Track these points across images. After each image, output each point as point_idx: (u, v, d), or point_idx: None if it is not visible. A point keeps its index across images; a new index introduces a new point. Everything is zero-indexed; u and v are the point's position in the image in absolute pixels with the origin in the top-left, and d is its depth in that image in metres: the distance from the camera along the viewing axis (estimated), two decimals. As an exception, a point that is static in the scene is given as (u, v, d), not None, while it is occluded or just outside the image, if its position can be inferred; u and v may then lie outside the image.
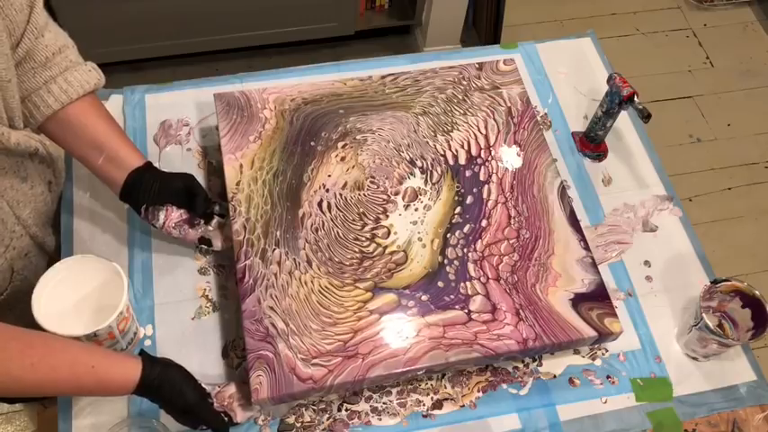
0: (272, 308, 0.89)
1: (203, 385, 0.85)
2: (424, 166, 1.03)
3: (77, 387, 0.78)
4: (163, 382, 0.80)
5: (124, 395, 0.80)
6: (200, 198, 0.95)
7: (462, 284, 0.92)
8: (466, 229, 0.97)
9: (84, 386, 0.77)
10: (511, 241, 0.96)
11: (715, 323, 0.97)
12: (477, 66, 1.13)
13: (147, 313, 0.95)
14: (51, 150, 0.94)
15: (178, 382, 0.81)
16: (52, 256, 1.01)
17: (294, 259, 0.93)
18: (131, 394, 0.79)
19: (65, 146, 0.93)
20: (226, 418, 0.85)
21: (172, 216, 0.95)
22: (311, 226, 0.96)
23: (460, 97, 1.10)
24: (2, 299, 0.94)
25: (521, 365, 0.95)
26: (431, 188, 1.00)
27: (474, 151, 1.05)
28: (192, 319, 0.96)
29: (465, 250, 0.95)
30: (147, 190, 0.92)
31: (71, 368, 0.75)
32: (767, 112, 2.31)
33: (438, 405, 0.92)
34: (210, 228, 0.98)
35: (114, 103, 1.12)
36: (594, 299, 0.92)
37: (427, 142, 1.05)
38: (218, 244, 0.98)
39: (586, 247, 0.96)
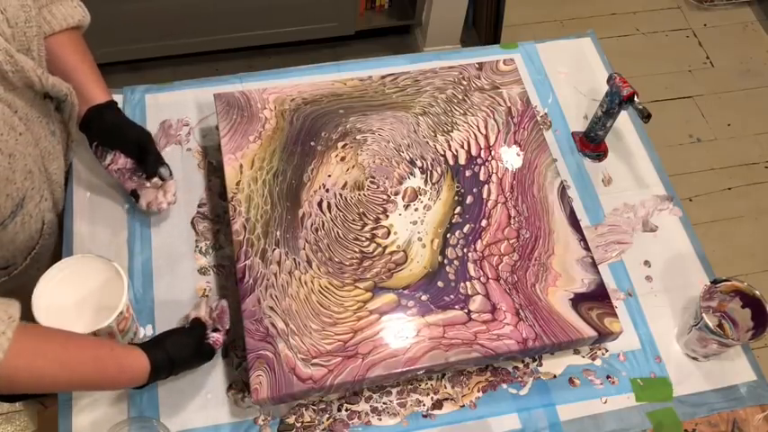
0: (272, 308, 0.89)
1: (190, 319, 0.88)
2: (424, 166, 1.03)
3: (101, 380, 0.80)
4: (171, 362, 0.83)
5: (138, 384, 0.82)
6: (152, 157, 0.98)
7: (462, 284, 0.92)
8: (466, 229, 0.97)
9: (107, 377, 0.80)
10: (511, 241, 0.96)
11: (715, 323, 0.97)
12: (477, 66, 1.13)
13: (147, 313, 0.95)
14: (75, 102, 0.96)
15: (182, 355, 0.85)
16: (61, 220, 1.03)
17: (294, 259, 0.93)
18: (144, 384, 0.82)
19: None
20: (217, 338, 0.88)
21: (118, 161, 0.99)
22: (311, 226, 0.96)
23: (460, 97, 1.10)
24: (32, 255, 0.96)
25: (521, 365, 0.95)
26: (431, 188, 1.01)
27: (474, 151, 1.05)
28: (192, 319, 0.96)
29: (465, 250, 0.95)
30: (100, 129, 0.97)
31: (95, 362, 0.78)
32: (767, 112, 2.31)
33: (438, 405, 0.92)
34: (147, 184, 1.00)
35: (114, 103, 1.12)
36: (594, 299, 0.92)
37: (427, 142, 1.05)
38: (143, 203, 0.99)
39: (586, 247, 0.96)
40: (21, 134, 0.85)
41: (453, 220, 0.98)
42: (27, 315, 0.82)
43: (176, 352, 0.84)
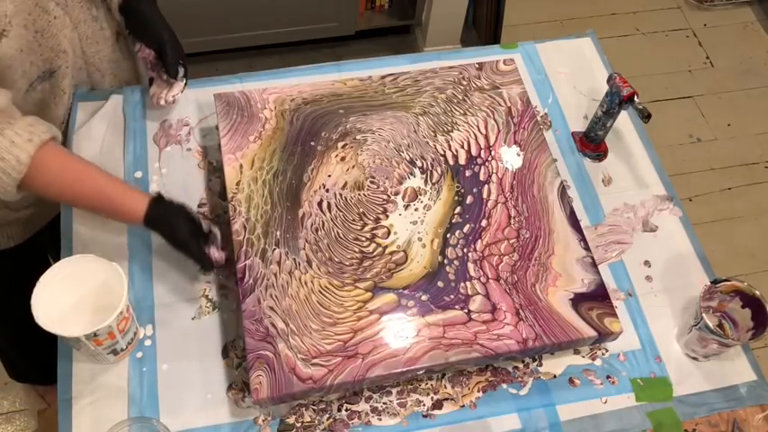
0: (272, 308, 0.89)
1: (204, 225, 0.94)
2: (424, 166, 1.03)
3: (99, 207, 0.93)
4: (161, 218, 0.91)
5: (135, 223, 0.92)
6: (168, 59, 1.06)
7: (462, 284, 0.92)
8: (466, 229, 0.97)
9: (104, 208, 0.93)
10: (511, 241, 0.96)
11: (715, 323, 0.97)
12: (477, 66, 1.13)
13: (147, 313, 0.95)
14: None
15: (173, 220, 0.92)
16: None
17: (294, 259, 0.93)
18: (143, 225, 0.91)
19: None
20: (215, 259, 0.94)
21: (144, 51, 1.08)
22: (311, 226, 0.96)
23: (460, 97, 1.10)
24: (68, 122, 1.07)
25: (521, 365, 0.95)
26: (431, 188, 1.01)
27: (474, 151, 1.05)
28: (192, 319, 0.96)
29: (465, 250, 0.95)
30: (128, 20, 1.07)
31: (99, 195, 0.91)
32: (767, 112, 2.31)
33: (438, 405, 0.92)
34: (164, 77, 1.08)
35: (114, 103, 1.12)
36: (594, 299, 0.92)
37: (427, 142, 1.05)
38: (151, 92, 1.09)
39: (586, 247, 0.96)
40: (56, 17, 0.93)
41: (453, 220, 0.98)
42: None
43: (166, 224, 0.91)
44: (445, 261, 0.94)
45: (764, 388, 0.96)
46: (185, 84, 1.10)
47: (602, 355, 0.97)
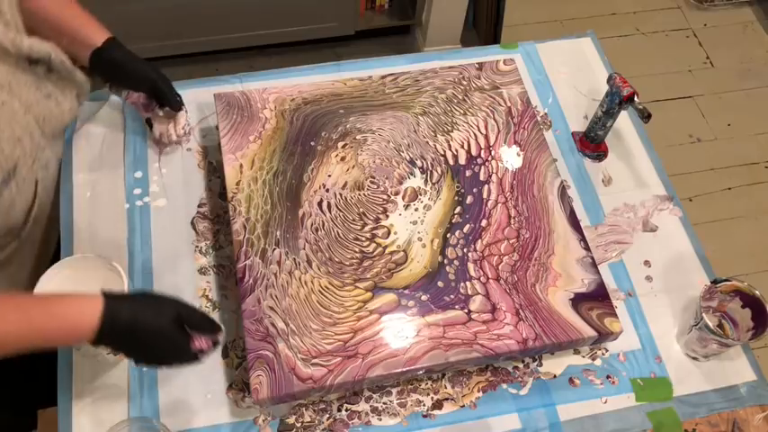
0: (271, 308, 0.89)
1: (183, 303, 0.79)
2: (424, 166, 1.03)
3: (32, 335, 0.73)
4: (129, 329, 0.73)
5: (83, 342, 0.73)
6: (163, 95, 1.02)
7: (462, 284, 0.92)
8: (466, 228, 0.97)
9: (39, 333, 0.73)
10: (511, 241, 0.96)
11: (715, 323, 0.97)
12: (477, 66, 1.13)
13: (147, 313, 0.95)
14: (64, 59, 0.95)
15: (150, 329, 0.74)
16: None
17: (294, 259, 0.93)
18: (93, 343, 0.73)
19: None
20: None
21: (132, 96, 1.06)
22: (311, 226, 0.96)
23: (460, 97, 1.10)
24: (33, 214, 0.95)
25: (521, 365, 0.95)
26: (431, 188, 1.01)
27: (474, 151, 1.05)
28: (192, 319, 0.96)
29: (465, 250, 0.95)
30: (104, 72, 1.01)
31: (24, 315, 0.72)
32: (767, 112, 2.31)
33: (438, 405, 0.92)
34: (160, 113, 1.06)
35: (114, 103, 1.12)
36: (594, 299, 0.92)
37: (427, 142, 1.05)
38: (156, 132, 1.07)
39: (586, 247, 0.96)
40: (3, 103, 0.82)
41: (453, 220, 0.98)
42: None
43: (141, 315, 0.73)
44: (445, 261, 0.94)
45: (764, 388, 0.96)
46: (186, 112, 1.07)
47: (602, 355, 0.97)
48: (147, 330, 0.75)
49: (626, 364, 0.96)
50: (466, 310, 0.90)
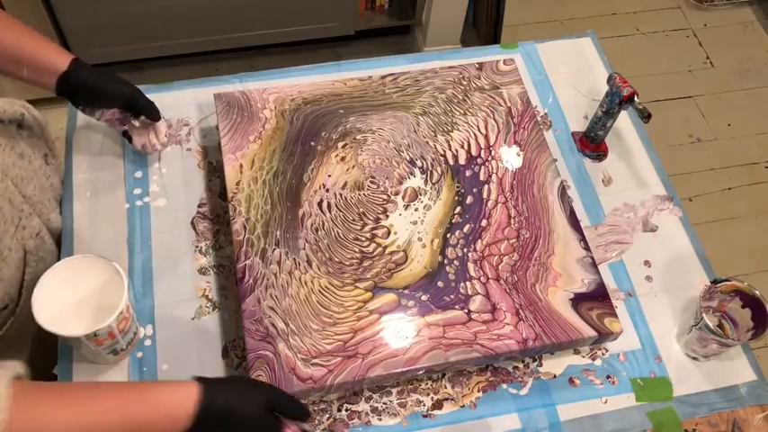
0: (272, 308, 0.89)
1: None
2: (424, 166, 1.03)
3: (127, 425, 0.68)
4: (224, 415, 0.70)
5: (178, 430, 0.69)
6: (145, 111, 1.00)
7: (462, 284, 0.92)
8: (466, 228, 0.97)
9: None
10: (511, 241, 0.96)
11: (715, 323, 0.97)
12: (477, 66, 1.13)
13: (147, 313, 0.95)
14: (36, 115, 0.94)
15: (243, 414, 0.72)
16: (59, 237, 1.00)
17: (294, 259, 0.93)
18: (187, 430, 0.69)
19: None
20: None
21: (106, 114, 1.02)
22: (311, 226, 0.96)
23: (460, 97, 1.10)
24: (25, 286, 0.91)
25: (521, 365, 0.95)
26: (431, 188, 1.01)
27: (474, 151, 1.05)
28: (192, 319, 0.96)
29: (465, 250, 0.95)
30: (74, 97, 0.97)
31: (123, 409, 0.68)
32: (767, 112, 2.31)
33: (438, 405, 0.92)
34: (136, 124, 1.04)
35: (114, 103, 1.12)
36: (594, 299, 0.92)
37: (427, 142, 1.05)
38: (137, 144, 1.05)
39: (586, 247, 0.97)
40: None
41: (453, 220, 0.98)
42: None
43: (235, 401, 0.71)
44: (445, 261, 0.94)
45: (764, 388, 0.96)
46: (164, 119, 1.06)
47: (602, 355, 0.97)
48: (241, 416, 0.73)
49: (626, 364, 0.96)
50: (466, 311, 0.90)
